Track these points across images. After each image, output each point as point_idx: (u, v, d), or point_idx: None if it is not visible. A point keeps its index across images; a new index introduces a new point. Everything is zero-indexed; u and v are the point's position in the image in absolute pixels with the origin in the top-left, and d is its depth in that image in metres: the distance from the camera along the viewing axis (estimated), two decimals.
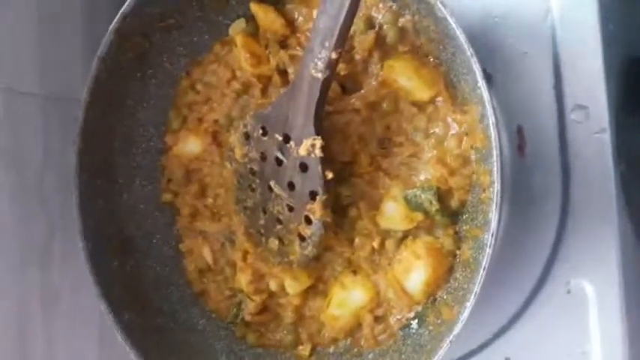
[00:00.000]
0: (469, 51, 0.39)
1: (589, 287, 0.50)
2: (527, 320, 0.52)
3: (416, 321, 0.49)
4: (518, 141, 0.51)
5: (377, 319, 0.51)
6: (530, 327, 0.52)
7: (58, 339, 0.54)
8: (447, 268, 0.48)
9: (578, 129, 0.50)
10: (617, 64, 0.50)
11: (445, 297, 0.47)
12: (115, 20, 0.50)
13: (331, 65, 0.43)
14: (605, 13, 0.49)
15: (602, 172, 0.49)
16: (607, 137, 0.49)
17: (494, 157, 0.38)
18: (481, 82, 0.38)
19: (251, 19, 0.54)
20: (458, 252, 0.48)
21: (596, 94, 0.49)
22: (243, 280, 0.53)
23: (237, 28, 0.54)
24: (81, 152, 0.52)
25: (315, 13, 0.50)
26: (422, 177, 0.48)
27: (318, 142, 0.46)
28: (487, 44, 0.51)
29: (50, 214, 0.55)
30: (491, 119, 0.38)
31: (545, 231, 0.51)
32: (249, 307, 0.53)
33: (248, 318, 0.54)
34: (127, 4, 0.50)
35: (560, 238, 0.51)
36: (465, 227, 0.48)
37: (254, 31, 0.54)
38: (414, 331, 0.49)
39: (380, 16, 0.48)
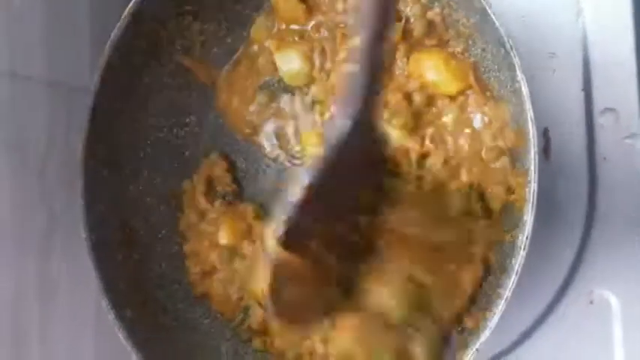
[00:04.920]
0: (508, 44, 0.37)
1: (613, 299, 0.49)
2: (547, 330, 0.50)
3: None
4: (544, 143, 0.49)
5: None
6: (549, 337, 0.50)
7: (54, 331, 0.52)
8: None
9: (606, 133, 0.48)
10: None
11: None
12: (131, 3, 0.48)
13: None
14: (639, 15, 0.47)
15: (630, 178, 0.48)
16: (637, 142, 0.47)
17: (532, 155, 0.36)
18: (520, 76, 0.37)
19: (270, 12, 0.52)
20: None
21: (627, 98, 0.47)
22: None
23: (259, 29, 0.52)
24: (88, 140, 0.50)
25: None
26: None
27: None
28: (514, 44, 0.50)
29: (52, 204, 0.53)
30: (530, 114, 0.36)
31: (569, 238, 0.49)
32: (258, 314, 0.51)
33: (255, 326, 0.52)
34: None
35: (585, 246, 0.49)
36: None
37: (272, 24, 0.52)
38: None
39: (408, 8, 0.46)
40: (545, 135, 0.50)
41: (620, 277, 0.49)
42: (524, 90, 0.37)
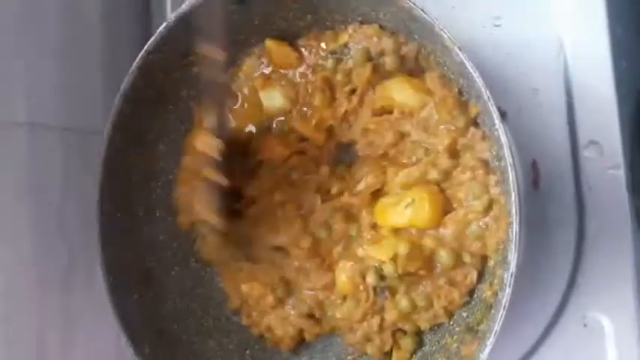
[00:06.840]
0: (486, 94, 0.39)
1: (606, 321, 0.50)
2: (543, 355, 0.52)
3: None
4: (533, 175, 0.51)
5: None
6: None
7: None
8: None
9: (591, 165, 0.50)
10: (630, 101, 0.51)
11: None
12: (139, 57, 0.51)
13: None
14: (618, 50, 0.49)
15: (616, 207, 0.50)
16: (621, 173, 0.49)
17: (513, 198, 0.38)
18: (498, 125, 0.39)
19: (261, 53, 0.55)
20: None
21: (610, 131, 0.49)
22: None
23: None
24: (102, 186, 0.52)
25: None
26: None
27: None
28: (499, 80, 0.52)
29: (71, 242, 0.56)
30: (509, 160, 0.38)
31: (561, 265, 0.51)
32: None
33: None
34: (150, 42, 0.51)
35: (576, 272, 0.51)
36: None
37: (261, 65, 0.55)
38: None
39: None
40: (533, 166, 0.52)
41: (612, 299, 0.50)
42: (503, 138, 0.39)
